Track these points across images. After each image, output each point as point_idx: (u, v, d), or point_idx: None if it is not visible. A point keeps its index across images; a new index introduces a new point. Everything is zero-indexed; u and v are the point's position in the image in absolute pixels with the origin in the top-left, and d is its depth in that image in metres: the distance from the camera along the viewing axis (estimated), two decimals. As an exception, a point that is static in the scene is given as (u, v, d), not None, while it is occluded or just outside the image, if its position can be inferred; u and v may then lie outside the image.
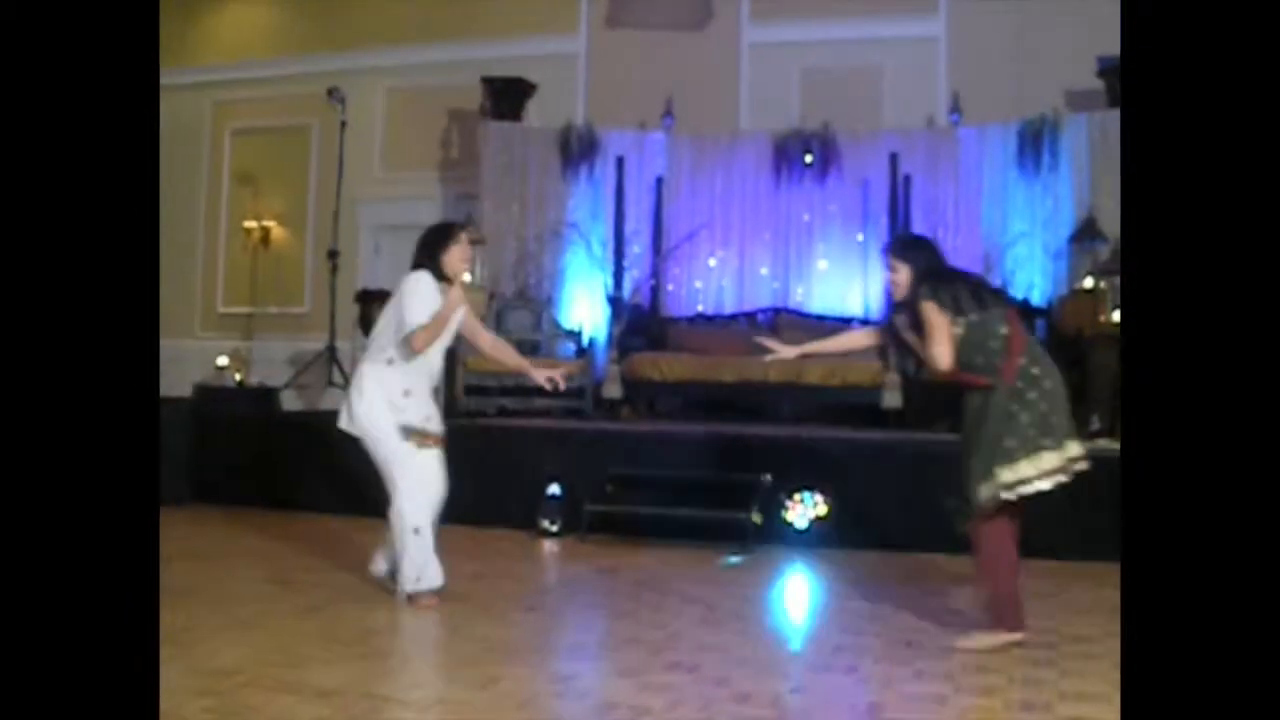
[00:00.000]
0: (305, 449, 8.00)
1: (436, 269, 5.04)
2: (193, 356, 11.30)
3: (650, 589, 5.52)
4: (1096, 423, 7.59)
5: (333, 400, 8.46)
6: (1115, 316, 8.42)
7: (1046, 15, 9.98)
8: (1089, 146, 9.47)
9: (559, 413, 9.35)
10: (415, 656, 4.44)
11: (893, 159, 9.79)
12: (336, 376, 9.56)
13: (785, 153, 10.25)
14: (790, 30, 10.83)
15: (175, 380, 9.48)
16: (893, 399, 8.84)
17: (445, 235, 5.16)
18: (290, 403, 9.82)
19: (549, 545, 6.93)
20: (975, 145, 9.97)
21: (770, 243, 10.36)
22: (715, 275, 10.47)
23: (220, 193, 12.64)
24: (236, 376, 10.48)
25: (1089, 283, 8.84)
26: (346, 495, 7.25)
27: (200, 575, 5.50)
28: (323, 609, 4.94)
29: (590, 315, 10.35)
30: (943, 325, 4.29)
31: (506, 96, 10.68)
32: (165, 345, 7.09)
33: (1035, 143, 9.66)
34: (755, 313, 10.24)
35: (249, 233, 12.32)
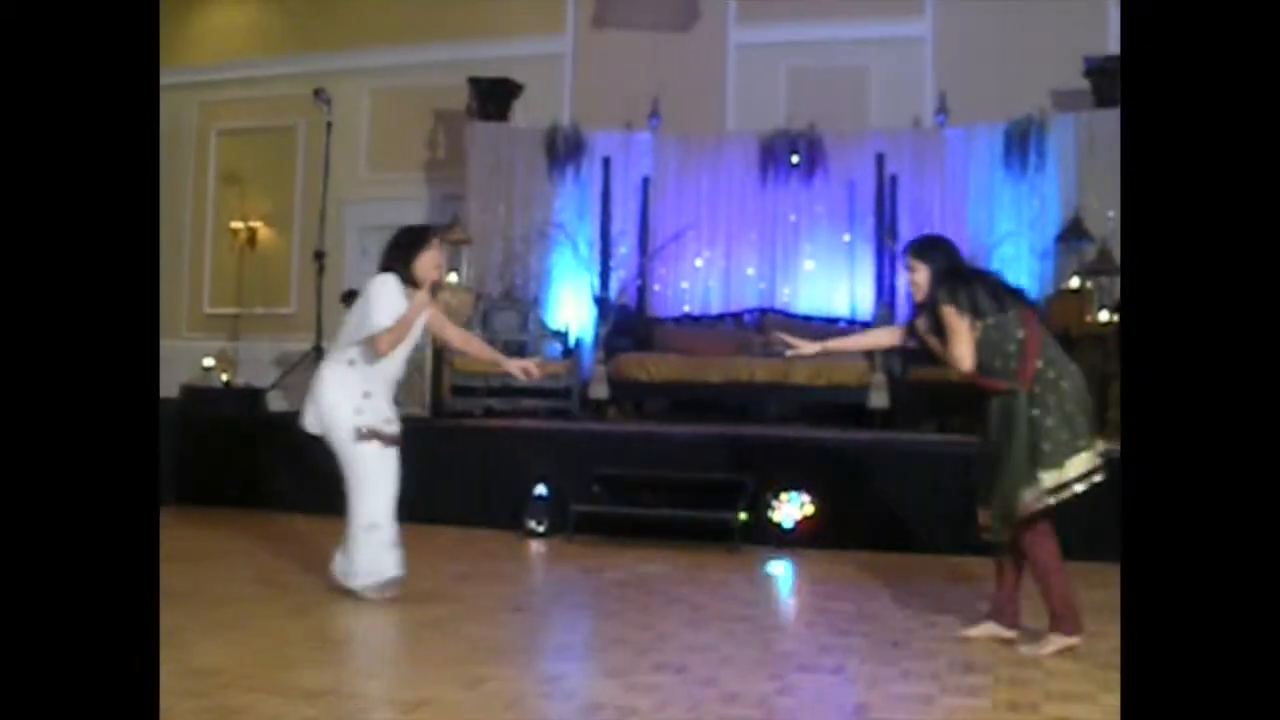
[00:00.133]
0: (292, 450, 7.95)
1: (406, 273, 5.01)
2: (179, 357, 11.24)
3: (637, 589, 5.52)
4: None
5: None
6: (1102, 316, 8.46)
7: (1033, 15, 10.02)
8: (1075, 146, 9.51)
9: (545, 413, 9.35)
10: (403, 657, 4.42)
11: (879, 159, 9.82)
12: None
13: (772, 153, 10.27)
14: (777, 31, 10.85)
15: (162, 381, 9.30)
16: (879, 399, 8.86)
17: (418, 240, 5.09)
18: (277, 403, 9.77)
19: (536, 546, 6.93)
20: (962, 145, 10.00)
21: (757, 243, 10.37)
22: (702, 276, 10.48)
23: (206, 193, 12.62)
24: (223, 377, 10.45)
25: (1075, 283, 8.88)
26: (333, 496, 7.18)
27: (187, 576, 5.47)
28: (310, 610, 4.93)
29: (577, 316, 10.35)
30: (962, 328, 4.32)
31: (493, 97, 10.67)
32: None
33: (1021, 143, 9.69)
34: (742, 313, 10.26)
35: (235, 233, 12.30)
